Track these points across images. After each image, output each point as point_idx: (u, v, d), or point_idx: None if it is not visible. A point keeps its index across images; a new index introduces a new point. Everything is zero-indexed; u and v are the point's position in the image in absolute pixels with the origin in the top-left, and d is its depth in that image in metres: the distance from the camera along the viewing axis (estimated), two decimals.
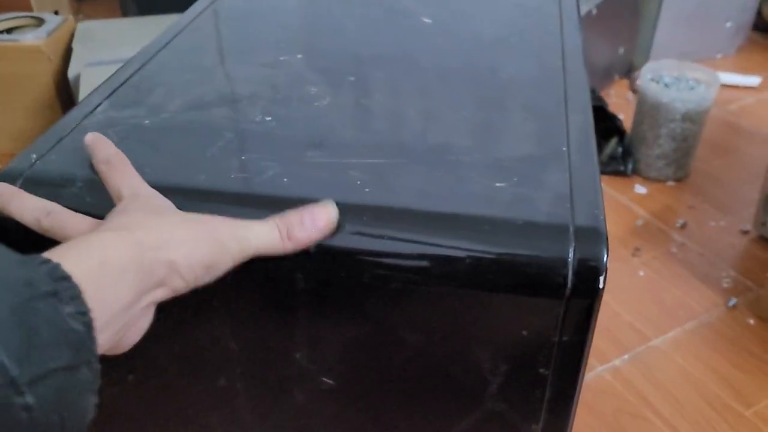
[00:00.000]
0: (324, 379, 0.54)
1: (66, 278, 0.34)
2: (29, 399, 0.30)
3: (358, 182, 0.50)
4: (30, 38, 1.73)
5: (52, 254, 0.36)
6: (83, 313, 0.34)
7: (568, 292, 0.45)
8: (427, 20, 0.78)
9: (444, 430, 0.54)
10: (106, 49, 1.71)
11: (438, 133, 0.57)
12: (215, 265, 0.42)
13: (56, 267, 0.34)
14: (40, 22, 1.85)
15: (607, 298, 1.41)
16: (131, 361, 0.55)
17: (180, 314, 0.52)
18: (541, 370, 0.49)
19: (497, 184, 0.50)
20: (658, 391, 1.22)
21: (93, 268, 0.36)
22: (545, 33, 0.75)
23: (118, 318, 0.37)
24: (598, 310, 0.47)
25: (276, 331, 0.52)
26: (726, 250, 1.58)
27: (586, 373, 0.50)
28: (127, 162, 0.49)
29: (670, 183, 1.85)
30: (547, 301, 0.46)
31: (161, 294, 0.41)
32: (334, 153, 0.53)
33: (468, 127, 0.57)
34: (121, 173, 0.48)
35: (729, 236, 1.63)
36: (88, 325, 0.34)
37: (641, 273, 1.51)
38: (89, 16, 2.27)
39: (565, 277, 0.44)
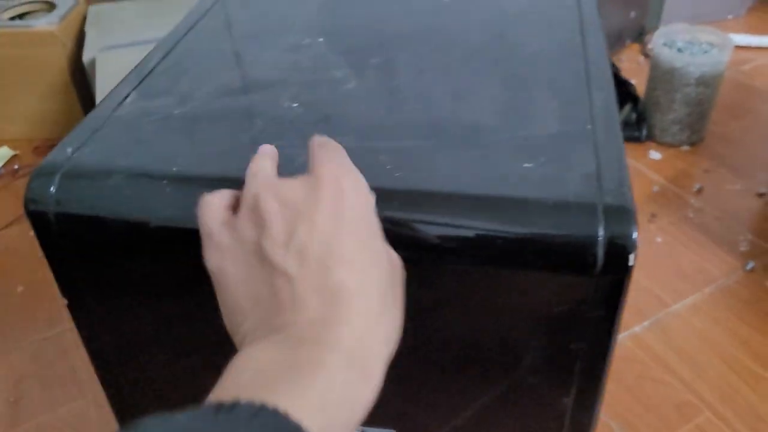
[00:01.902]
0: None
1: None
2: None
3: (389, 167, 0.51)
4: (43, 23, 1.74)
5: (271, 392, 0.31)
6: None
7: (598, 269, 0.46)
8: None
9: (475, 399, 0.56)
10: (119, 32, 1.71)
11: (464, 114, 0.57)
12: None
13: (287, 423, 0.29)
14: (51, 6, 1.86)
15: None
16: (174, 341, 0.57)
17: (184, 308, 0.54)
18: (573, 346, 0.50)
19: (525, 165, 0.51)
20: (679, 356, 1.24)
21: (319, 413, 0.31)
22: (563, 6, 0.75)
23: None
24: (628, 287, 0.48)
25: None
26: (743, 214, 1.58)
27: None
28: (342, 150, 0.44)
29: (685, 148, 1.84)
30: (579, 278, 0.47)
31: None
32: (363, 137, 0.54)
33: (493, 107, 0.58)
34: (330, 152, 0.43)
35: (745, 199, 1.63)
36: None
37: (658, 239, 1.52)
38: None
39: (595, 256, 0.45)
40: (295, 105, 0.59)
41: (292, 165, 0.52)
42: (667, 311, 1.33)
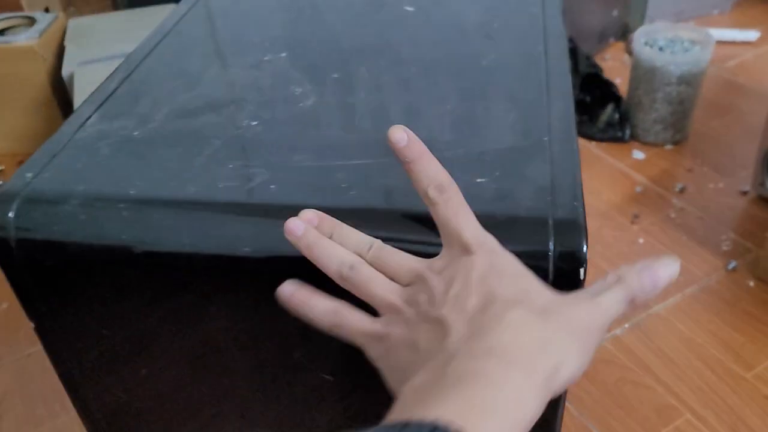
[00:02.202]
0: (323, 375, 0.55)
1: None
2: None
3: (344, 185, 0.51)
4: (23, 39, 1.74)
5: (460, 410, 0.32)
6: None
7: (549, 283, 0.46)
8: (409, 8, 0.78)
9: None
10: (98, 46, 1.72)
11: (421, 130, 0.57)
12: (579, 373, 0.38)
13: None
14: (31, 21, 1.86)
15: (606, 267, 1.43)
16: (144, 358, 0.57)
17: (180, 317, 0.54)
18: None
19: (479, 180, 0.51)
20: (660, 359, 1.24)
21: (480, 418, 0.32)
22: (528, 15, 0.75)
23: None
24: None
25: (273, 332, 0.54)
26: (725, 213, 1.59)
27: None
28: (460, 193, 0.44)
29: (669, 147, 1.85)
30: None
31: None
32: (320, 156, 0.55)
33: (451, 121, 0.58)
34: (457, 210, 0.43)
35: (728, 198, 1.64)
36: None
37: (641, 240, 1.52)
38: (80, 10, 2.27)
39: (546, 270, 0.46)
40: (254, 123, 0.59)
41: (250, 185, 0.52)
42: (649, 313, 1.34)
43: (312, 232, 0.45)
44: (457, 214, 0.43)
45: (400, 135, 0.44)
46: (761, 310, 1.33)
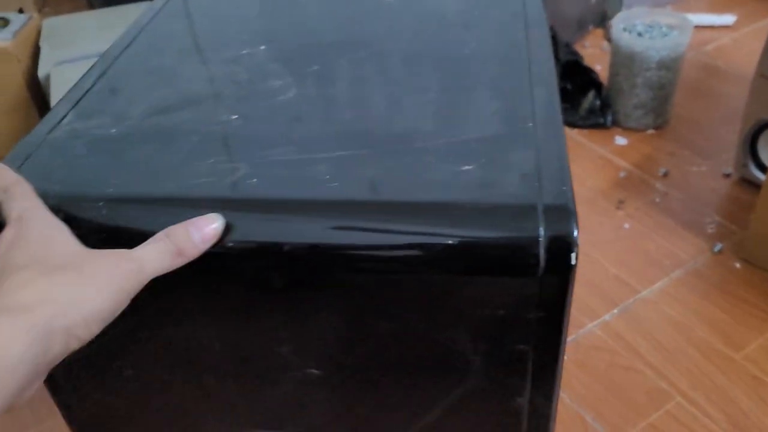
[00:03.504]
0: (310, 369, 0.55)
1: None
2: None
3: (326, 177, 0.50)
4: None
5: None
6: None
7: (541, 270, 0.45)
8: None
9: (429, 408, 0.56)
10: (73, 45, 1.69)
11: (404, 120, 0.57)
12: (115, 313, 0.43)
13: None
14: (5, 22, 1.82)
15: (593, 253, 1.43)
16: (126, 359, 0.56)
17: (161, 316, 0.53)
18: (521, 347, 0.50)
19: (464, 168, 0.50)
20: (649, 343, 1.24)
21: None
22: (508, 2, 0.74)
23: (9, 399, 0.37)
24: (572, 285, 0.47)
25: (258, 329, 0.53)
26: (709, 195, 1.59)
27: (577, 331, 0.51)
28: (27, 187, 0.48)
29: (651, 131, 1.85)
30: (522, 280, 0.46)
31: (54, 358, 0.40)
32: (301, 148, 0.54)
33: (434, 111, 0.57)
34: (15, 198, 0.47)
35: (711, 181, 1.64)
36: None
37: (626, 225, 1.52)
38: (55, 10, 2.24)
39: (537, 256, 0.45)
40: (233, 118, 0.58)
41: (229, 180, 0.51)
42: (636, 298, 1.34)
43: None
44: (13, 199, 0.47)
45: None
46: (748, 291, 1.33)
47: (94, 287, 0.42)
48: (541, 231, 0.45)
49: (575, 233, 0.46)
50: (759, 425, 1.10)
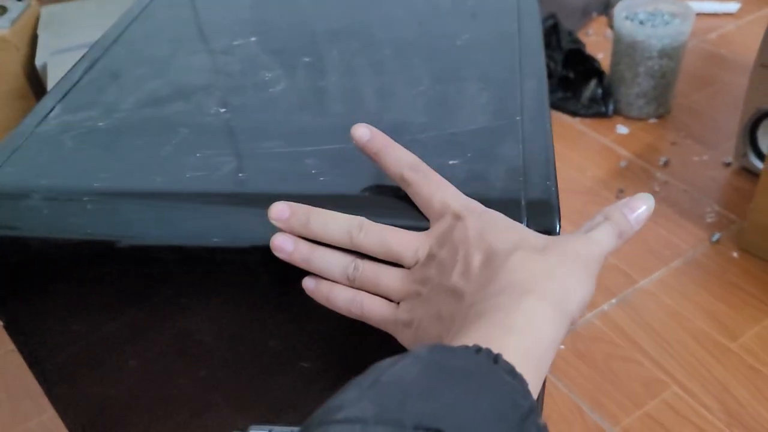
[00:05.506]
0: (301, 363, 0.55)
1: (521, 380, 0.33)
2: None
3: (313, 171, 0.50)
4: None
5: (483, 335, 0.35)
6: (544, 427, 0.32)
7: None
8: None
9: None
10: (71, 34, 1.68)
11: (393, 113, 0.57)
12: (590, 298, 0.41)
13: (512, 370, 0.32)
14: (3, 10, 1.82)
15: None
16: (119, 354, 0.56)
17: (153, 310, 0.53)
18: None
19: (451, 162, 0.50)
20: (647, 333, 1.24)
21: (529, 357, 0.35)
22: None
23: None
24: None
25: (250, 322, 0.53)
26: (709, 185, 1.59)
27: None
28: (431, 168, 0.47)
29: (652, 120, 1.84)
30: None
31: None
32: (290, 141, 0.54)
33: (423, 103, 0.57)
34: (438, 184, 0.45)
35: (712, 170, 1.63)
36: None
37: None
38: None
39: None
40: (223, 110, 0.58)
41: (218, 174, 0.51)
42: (635, 288, 1.33)
43: (301, 244, 0.46)
44: (438, 187, 0.45)
45: (363, 131, 0.47)
46: (745, 280, 1.33)
47: (581, 277, 0.40)
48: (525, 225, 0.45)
49: (558, 228, 0.46)
50: (754, 414, 1.10)
